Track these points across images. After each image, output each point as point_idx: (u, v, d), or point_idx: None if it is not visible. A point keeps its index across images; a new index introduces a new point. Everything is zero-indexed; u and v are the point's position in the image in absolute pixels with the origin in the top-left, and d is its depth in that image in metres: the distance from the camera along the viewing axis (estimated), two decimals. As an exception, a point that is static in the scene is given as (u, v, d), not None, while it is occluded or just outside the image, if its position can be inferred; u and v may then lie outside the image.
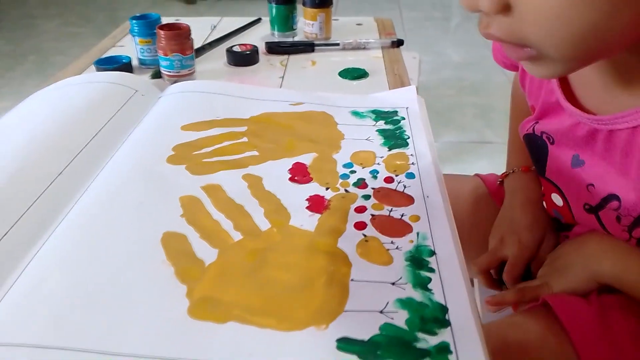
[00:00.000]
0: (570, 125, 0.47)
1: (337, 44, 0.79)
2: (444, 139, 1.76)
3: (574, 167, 0.49)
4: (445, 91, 2.12)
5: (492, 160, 1.65)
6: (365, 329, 0.32)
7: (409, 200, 0.44)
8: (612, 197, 0.45)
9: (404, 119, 0.57)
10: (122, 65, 0.69)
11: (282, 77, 0.70)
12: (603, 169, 0.45)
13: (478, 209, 0.69)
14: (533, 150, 0.55)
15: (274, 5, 0.81)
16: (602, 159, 0.45)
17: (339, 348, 0.31)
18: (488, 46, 0.60)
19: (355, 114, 0.58)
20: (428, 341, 0.32)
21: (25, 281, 0.35)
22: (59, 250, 0.38)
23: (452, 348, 0.31)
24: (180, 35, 0.65)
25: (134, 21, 0.70)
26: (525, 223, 0.61)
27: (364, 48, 0.79)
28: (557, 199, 0.54)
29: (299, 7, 0.83)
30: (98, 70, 0.68)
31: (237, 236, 0.40)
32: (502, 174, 0.69)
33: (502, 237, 0.63)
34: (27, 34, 2.84)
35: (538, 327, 0.47)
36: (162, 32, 0.65)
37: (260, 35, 0.84)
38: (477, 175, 0.75)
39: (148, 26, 0.70)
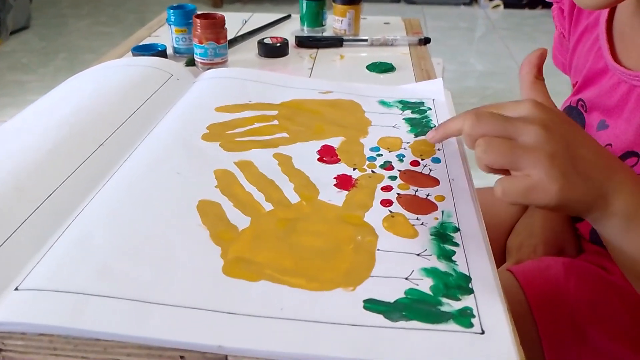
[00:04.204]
0: (610, 87, 0.48)
1: (365, 40, 0.80)
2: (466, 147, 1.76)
3: (598, 130, 0.50)
4: (469, 99, 2.13)
5: (514, 168, 1.64)
6: (391, 293, 0.34)
7: (435, 181, 0.46)
8: (630, 154, 0.46)
9: (430, 109, 0.58)
10: (158, 52, 0.71)
11: (311, 69, 0.72)
12: (622, 130, 0.46)
13: (513, 216, 0.70)
14: None
15: (304, 1, 0.83)
16: (626, 121, 0.46)
17: (366, 308, 0.33)
18: (512, 57, 0.61)
19: (383, 103, 0.60)
20: (452, 305, 0.33)
21: (73, 234, 0.37)
22: (104, 208, 0.40)
23: (475, 312, 0.32)
24: (215, 24, 0.68)
25: (172, 11, 0.72)
26: (542, 234, 0.62)
27: (392, 44, 0.80)
28: None
29: (329, 4, 0.85)
30: (135, 56, 0.71)
31: (268, 207, 0.42)
32: None
33: (520, 243, 0.65)
34: (59, 32, 2.92)
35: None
36: (198, 20, 0.67)
37: (290, 31, 0.86)
38: None
39: (184, 16, 0.72)
